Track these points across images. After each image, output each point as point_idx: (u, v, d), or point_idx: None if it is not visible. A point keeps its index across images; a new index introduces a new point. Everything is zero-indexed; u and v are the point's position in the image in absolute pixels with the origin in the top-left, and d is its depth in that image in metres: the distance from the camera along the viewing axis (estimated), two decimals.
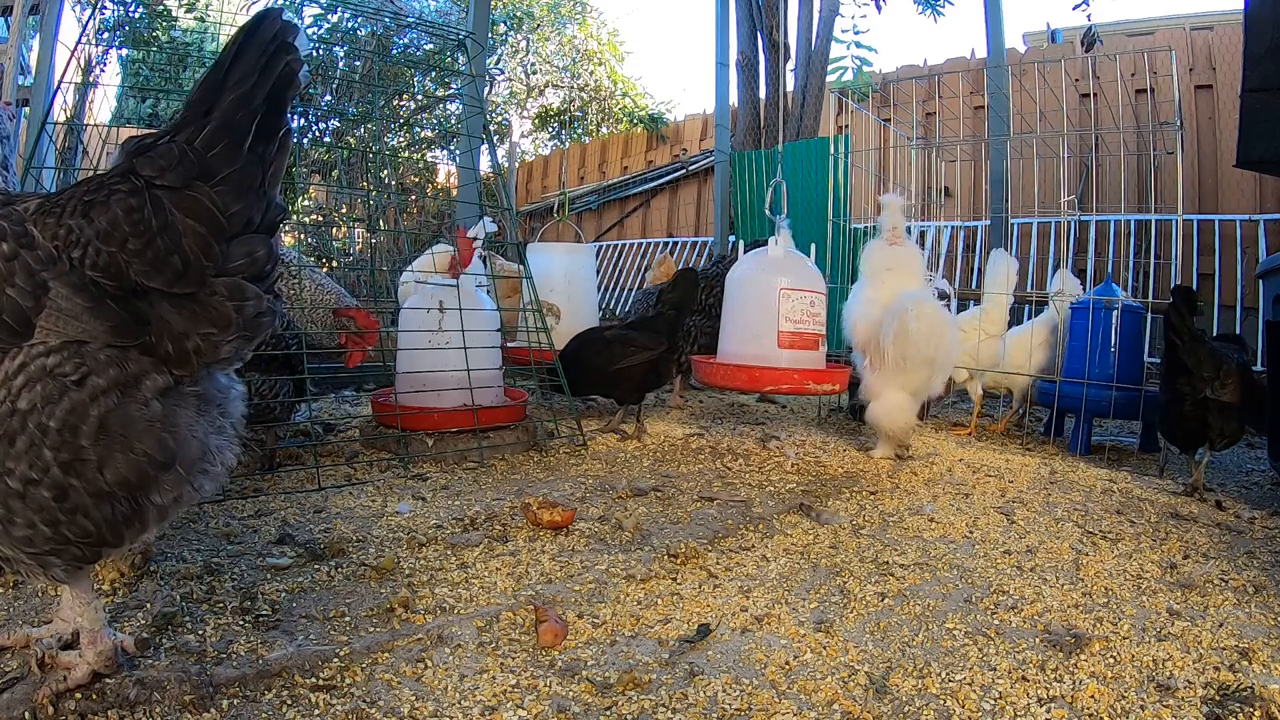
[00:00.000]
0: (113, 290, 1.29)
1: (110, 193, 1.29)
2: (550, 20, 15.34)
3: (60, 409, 1.24)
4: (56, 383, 1.25)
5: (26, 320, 1.25)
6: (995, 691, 1.56)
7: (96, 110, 4.45)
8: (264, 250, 1.38)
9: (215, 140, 1.30)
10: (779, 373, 3.50)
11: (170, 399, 1.33)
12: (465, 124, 6.48)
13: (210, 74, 1.33)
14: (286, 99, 1.35)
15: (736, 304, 3.74)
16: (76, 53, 3.38)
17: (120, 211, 1.28)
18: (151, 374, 1.31)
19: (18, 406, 1.24)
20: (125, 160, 1.33)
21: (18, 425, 1.23)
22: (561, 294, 4.78)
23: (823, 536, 2.53)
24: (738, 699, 1.51)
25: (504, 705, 1.47)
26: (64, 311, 1.26)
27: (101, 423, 1.26)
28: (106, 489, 1.28)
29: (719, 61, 8.25)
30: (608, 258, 11.90)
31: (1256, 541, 2.65)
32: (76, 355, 1.26)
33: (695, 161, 11.87)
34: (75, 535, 1.29)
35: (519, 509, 2.60)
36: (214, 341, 1.34)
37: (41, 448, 1.24)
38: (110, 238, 1.28)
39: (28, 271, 1.25)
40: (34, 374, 1.24)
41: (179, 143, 1.30)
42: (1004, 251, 4.66)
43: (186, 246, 1.30)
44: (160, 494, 1.34)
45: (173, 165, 1.29)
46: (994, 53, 6.95)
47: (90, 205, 1.29)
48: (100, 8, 6.90)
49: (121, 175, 1.31)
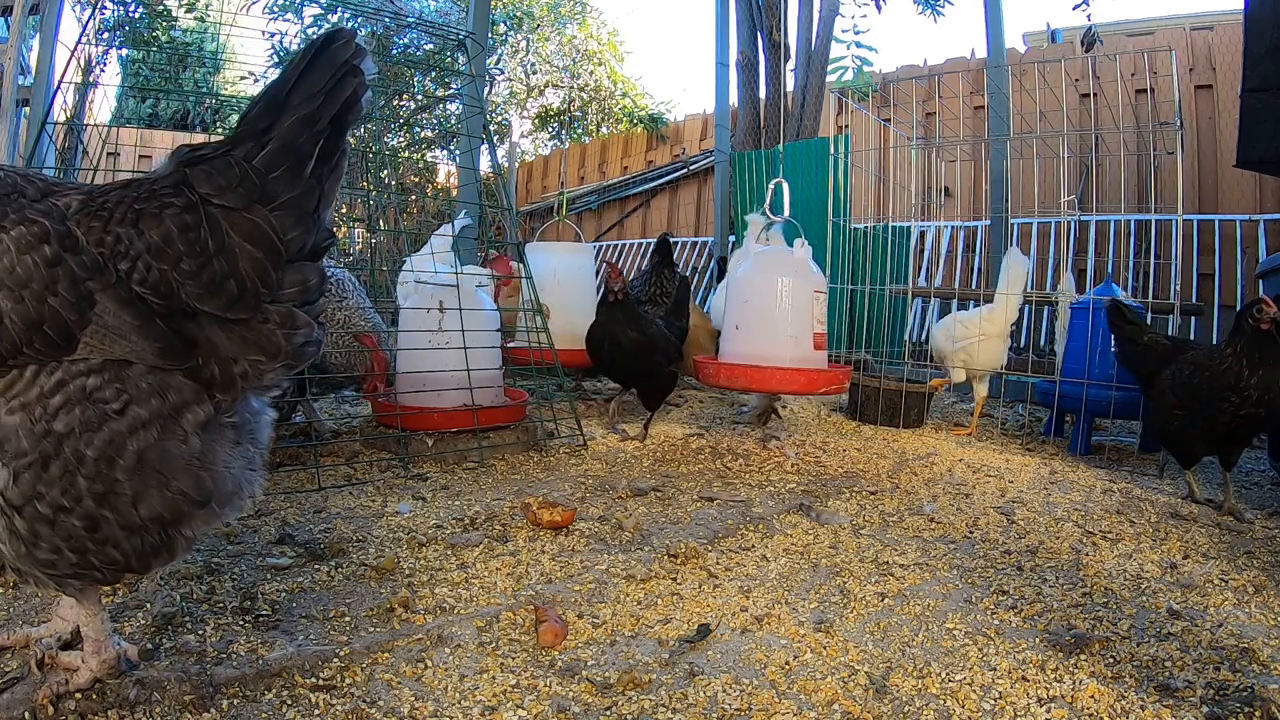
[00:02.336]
0: (160, 309, 1.22)
1: (163, 204, 1.23)
2: (550, 20, 15.33)
3: (99, 438, 1.18)
4: (96, 409, 1.18)
5: (69, 334, 1.17)
6: (995, 691, 1.56)
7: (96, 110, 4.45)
8: (316, 278, 1.34)
9: (277, 162, 1.25)
10: (786, 373, 3.50)
11: (209, 433, 1.29)
12: (465, 124, 6.48)
13: (274, 89, 1.28)
14: (349, 123, 1.31)
15: (742, 304, 3.73)
16: (76, 53, 3.37)
17: (175, 227, 1.22)
18: (193, 406, 1.26)
19: (53, 428, 1.17)
20: (177, 169, 1.27)
21: (52, 448, 1.17)
22: (554, 294, 4.77)
23: (823, 536, 2.53)
24: (738, 699, 1.51)
25: (504, 705, 1.47)
26: (110, 329, 1.19)
27: (140, 457, 1.21)
28: (139, 523, 1.23)
29: (719, 61, 8.24)
30: (608, 258, 11.90)
31: (1256, 541, 2.65)
32: (118, 380, 1.20)
33: (695, 161, 11.87)
34: (101, 563, 1.24)
35: (519, 509, 2.60)
36: (261, 369, 1.30)
37: (76, 475, 1.18)
38: (163, 254, 1.22)
39: (72, 279, 1.18)
40: (73, 395, 1.18)
41: (237, 159, 1.24)
42: (1018, 250, 4.64)
43: (243, 271, 1.25)
44: (192, 529, 1.30)
45: (233, 185, 1.24)
46: (994, 53, 6.95)
47: (140, 215, 1.22)
48: (100, 8, 6.91)
49: (174, 187, 1.25)
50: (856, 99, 7.97)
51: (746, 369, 3.58)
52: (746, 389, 4.01)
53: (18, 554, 1.22)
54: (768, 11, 8.16)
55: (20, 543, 1.20)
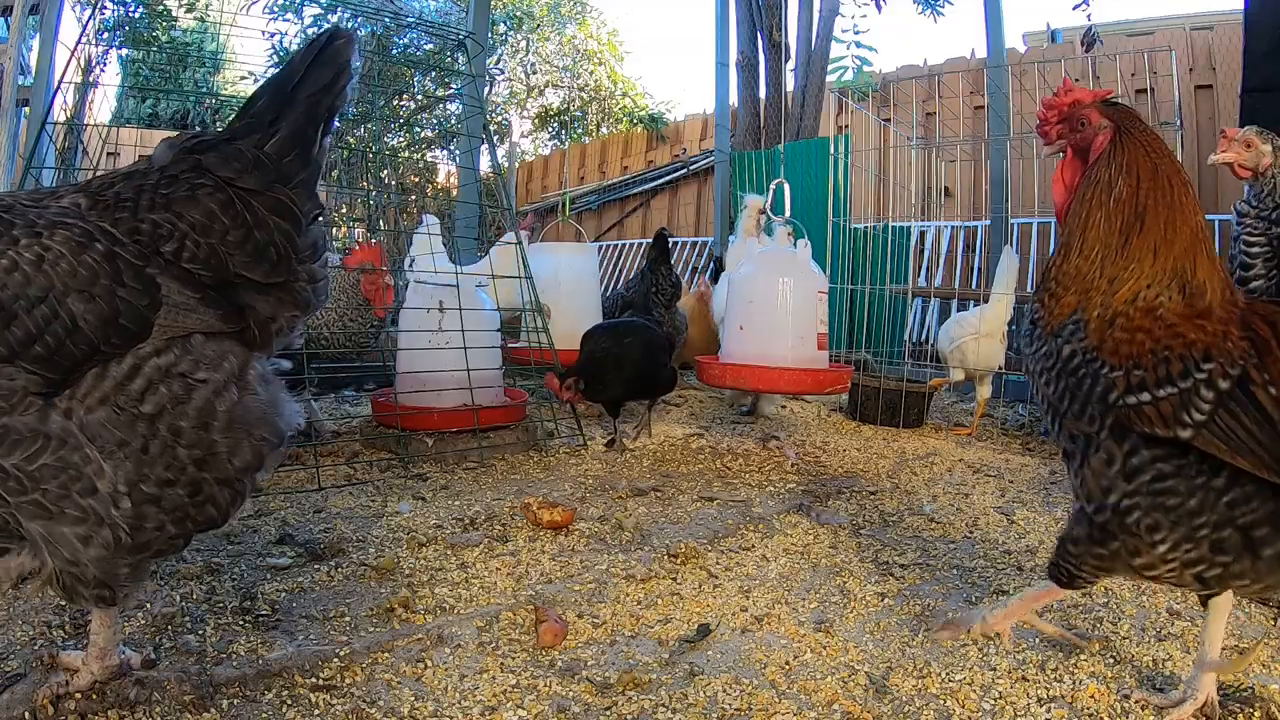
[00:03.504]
0: (211, 281, 1.33)
1: (194, 187, 1.33)
2: (550, 20, 15.33)
3: (192, 407, 1.27)
4: (181, 382, 1.26)
5: (146, 320, 1.24)
6: (995, 691, 1.56)
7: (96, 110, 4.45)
8: (322, 239, 1.50)
9: (288, 148, 1.40)
10: (788, 373, 3.50)
11: (267, 383, 1.42)
12: (465, 124, 6.48)
13: (278, 84, 1.43)
14: (338, 111, 1.48)
15: (744, 304, 3.73)
16: (76, 53, 3.38)
17: (214, 205, 1.33)
18: (251, 363, 1.38)
19: (143, 411, 1.23)
20: (185, 156, 1.36)
21: (146, 430, 1.23)
22: (556, 294, 4.76)
23: (823, 536, 2.53)
24: (738, 699, 1.51)
25: (504, 705, 1.47)
26: (179, 306, 1.27)
27: (230, 416, 1.31)
28: (234, 475, 1.33)
29: (719, 61, 8.24)
30: (608, 258, 11.88)
31: None
32: (188, 353, 1.29)
33: (695, 161, 11.86)
34: (196, 525, 1.32)
35: (519, 509, 2.60)
36: (295, 323, 1.45)
37: (176, 448, 1.25)
38: (209, 230, 1.32)
39: (134, 269, 1.24)
40: (152, 376, 1.24)
41: (248, 147, 1.37)
42: (1010, 250, 4.64)
43: (278, 240, 1.38)
44: (266, 469, 1.41)
45: (248, 169, 1.36)
46: (994, 53, 6.94)
47: (170, 199, 1.31)
48: (100, 8, 6.90)
49: (195, 170, 1.34)
50: (856, 99, 7.97)
51: (748, 369, 3.58)
52: (748, 389, 4.01)
53: (110, 551, 1.25)
54: (768, 11, 8.17)
55: (119, 533, 1.24)
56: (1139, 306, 1.43)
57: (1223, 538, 1.31)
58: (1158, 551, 1.36)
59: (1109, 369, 1.40)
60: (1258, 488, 1.29)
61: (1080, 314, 1.48)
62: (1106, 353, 1.42)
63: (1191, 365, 1.34)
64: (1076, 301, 1.50)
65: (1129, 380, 1.37)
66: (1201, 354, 1.35)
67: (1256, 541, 1.29)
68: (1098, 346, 1.43)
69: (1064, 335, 1.50)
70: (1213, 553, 1.32)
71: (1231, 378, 1.31)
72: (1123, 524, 1.38)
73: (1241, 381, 1.31)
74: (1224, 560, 1.32)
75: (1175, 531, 1.34)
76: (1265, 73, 3.22)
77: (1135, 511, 1.37)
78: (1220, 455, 1.29)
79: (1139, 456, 1.37)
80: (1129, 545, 1.39)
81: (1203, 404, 1.31)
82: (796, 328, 3.61)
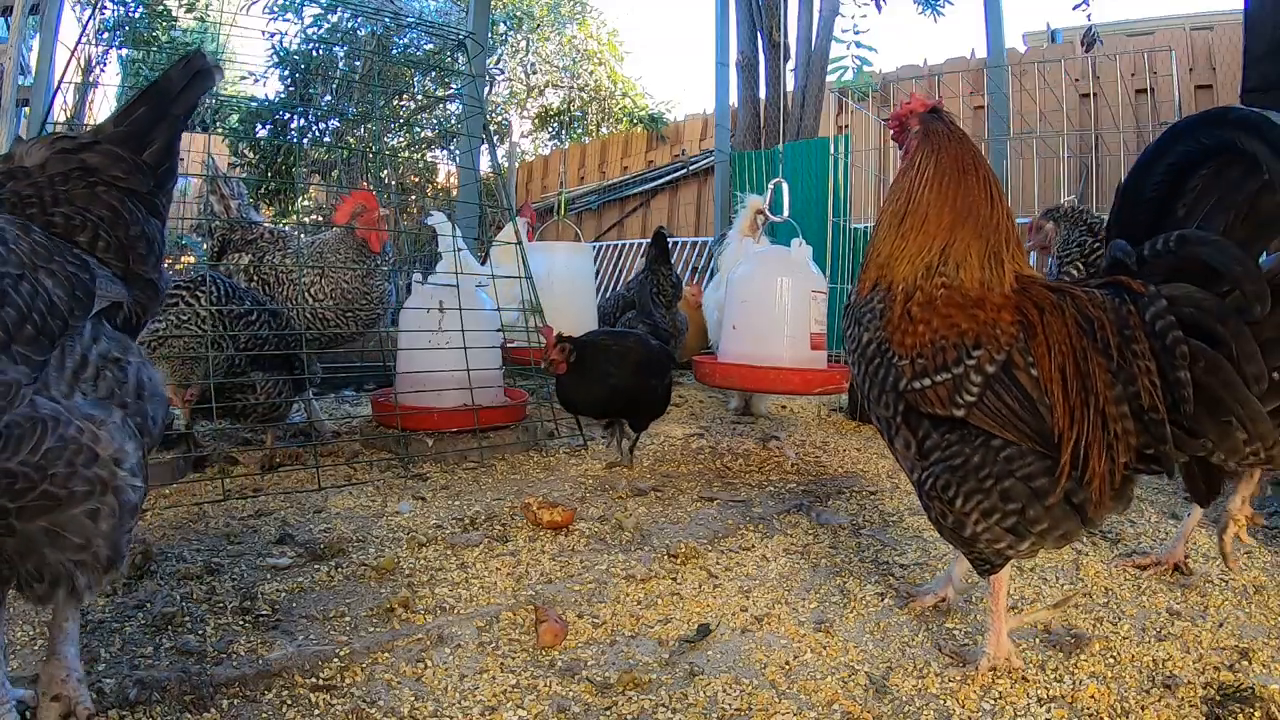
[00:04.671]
0: (119, 273, 1.40)
1: (90, 184, 1.39)
2: (550, 20, 15.32)
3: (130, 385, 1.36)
4: (116, 364, 1.35)
5: (91, 292, 1.30)
6: (995, 691, 1.56)
7: (96, 110, 4.45)
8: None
9: (164, 157, 1.49)
10: (778, 372, 3.50)
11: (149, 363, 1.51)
12: (465, 124, 6.48)
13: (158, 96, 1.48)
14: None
15: (740, 304, 3.73)
16: (76, 53, 3.38)
17: (115, 202, 1.40)
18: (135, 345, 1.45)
19: (99, 394, 1.30)
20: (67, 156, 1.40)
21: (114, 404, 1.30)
22: (545, 294, 4.74)
23: (823, 536, 2.53)
24: (738, 699, 1.51)
25: (504, 705, 1.47)
26: (109, 281, 1.36)
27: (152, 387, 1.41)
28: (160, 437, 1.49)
29: (719, 61, 8.24)
30: (608, 258, 11.88)
31: (1256, 541, 2.65)
32: (115, 339, 1.36)
33: (695, 161, 11.86)
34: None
35: (519, 509, 2.60)
36: (154, 310, 1.54)
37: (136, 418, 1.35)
38: (116, 224, 1.39)
39: (67, 247, 1.31)
40: (99, 363, 1.31)
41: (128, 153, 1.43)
42: None
43: (156, 237, 1.48)
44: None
45: (131, 172, 1.43)
46: (994, 53, 6.95)
47: (70, 195, 1.37)
48: (100, 8, 6.90)
49: (85, 170, 1.40)
50: (856, 99, 7.97)
51: (736, 368, 3.58)
52: (736, 388, 3.99)
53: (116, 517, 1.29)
54: (768, 11, 8.15)
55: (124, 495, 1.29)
56: (918, 300, 1.64)
57: (1008, 488, 1.52)
58: (956, 506, 1.57)
59: (898, 358, 1.63)
60: (1031, 446, 1.52)
61: (876, 289, 1.73)
62: (895, 344, 1.64)
63: (964, 353, 1.55)
64: (875, 276, 1.75)
65: (914, 368, 1.60)
66: (972, 341, 1.55)
67: (1036, 491, 1.51)
68: (888, 338, 1.65)
69: (864, 321, 1.73)
70: (1004, 501, 1.53)
71: (997, 362, 1.53)
72: (927, 492, 1.62)
73: (1006, 366, 1.52)
74: (1015, 508, 1.53)
75: (965, 484, 1.56)
76: (1265, 72, 3.22)
77: (929, 478, 1.61)
78: (992, 430, 1.53)
79: (927, 432, 1.62)
80: (937, 510, 1.62)
81: (972, 386, 1.53)
82: (787, 327, 3.60)
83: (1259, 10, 3.31)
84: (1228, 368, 1.36)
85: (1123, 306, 1.48)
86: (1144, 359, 1.43)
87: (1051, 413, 1.48)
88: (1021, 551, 1.60)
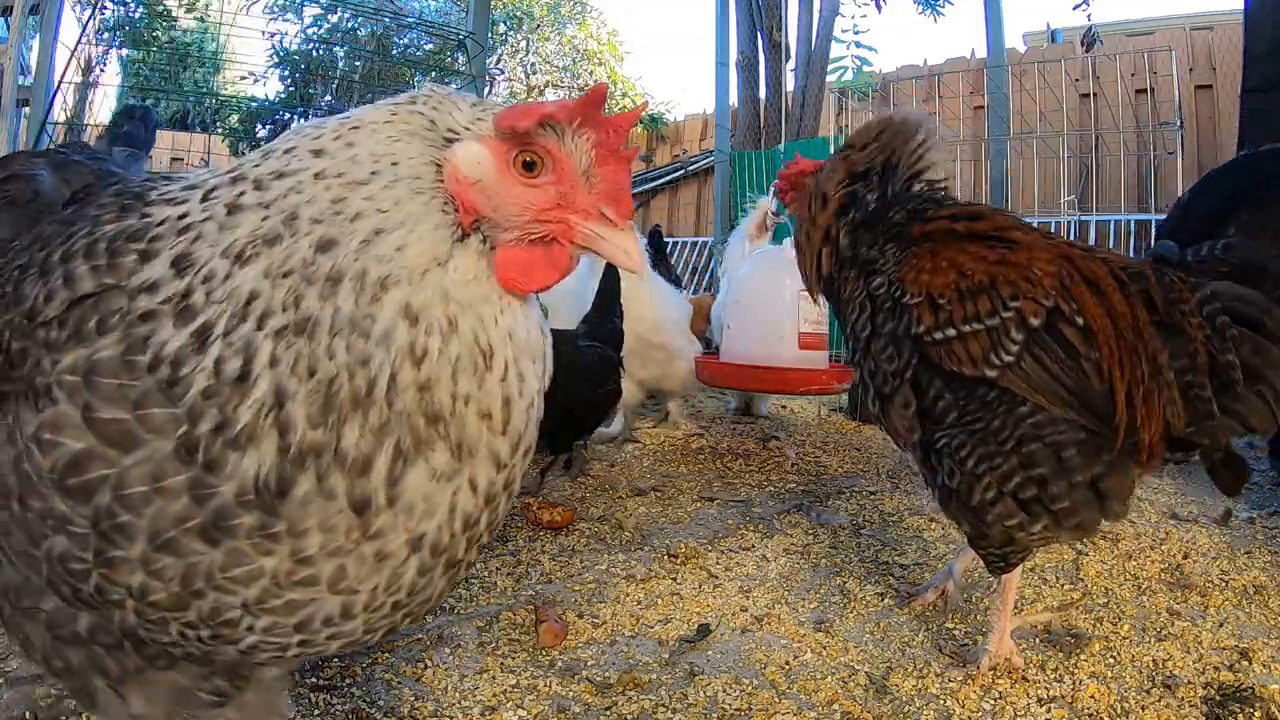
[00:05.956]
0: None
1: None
2: (550, 20, 15.34)
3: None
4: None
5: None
6: (995, 691, 1.56)
7: (96, 110, 4.45)
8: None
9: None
10: (766, 371, 3.50)
11: None
12: None
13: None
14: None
15: (737, 304, 3.73)
16: (76, 53, 3.38)
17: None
18: None
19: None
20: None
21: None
22: (554, 293, 4.75)
23: (823, 536, 2.53)
24: (738, 699, 1.51)
25: (504, 705, 1.47)
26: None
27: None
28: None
29: (719, 61, 8.24)
30: None
31: (1256, 541, 2.65)
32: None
33: (695, 161, 11.86)
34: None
35: (519, 509, 2.60)
36: None
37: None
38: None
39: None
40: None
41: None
42: None
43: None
44: None
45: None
46: (994, 53, 6.94)
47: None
48: (100, 8, 6.90)
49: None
50: (856, 99, 7.96)
51: (727, 367, 3.57)
52: (727, 387, 3.99)
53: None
54: (768, 11, 8.15)
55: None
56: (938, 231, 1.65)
57: (1033, 451, 1.43)
58: (968, 467, 1.47)
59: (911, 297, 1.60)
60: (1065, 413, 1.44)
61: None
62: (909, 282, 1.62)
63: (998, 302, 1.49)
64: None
65: (935, 317, 1.52)
66: (1009, 291, 1.50)
67: (1065, 463, 1.42)
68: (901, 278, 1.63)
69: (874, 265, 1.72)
70: (1025, 467, 1.43)
71: (1044, 310, 1.47)
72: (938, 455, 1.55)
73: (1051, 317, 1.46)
74: (1039, 474, 1.43)
75: (984, 446, 1.46)
76: (1265, 72, 3.21)
77: (943, 438, 1.53)
78: (1026, 394, 1.45)
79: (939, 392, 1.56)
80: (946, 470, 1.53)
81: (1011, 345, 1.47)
82: (776, 327, 3.59)
83: (1259, 10, 3.31)
84: (1274, 351, 1.37)
85: (1167, 278, 1.45)
86: (1199, 330, 1.39)
87: (1099, 372, 1.37)
88: (1032, 535, 1.51)
